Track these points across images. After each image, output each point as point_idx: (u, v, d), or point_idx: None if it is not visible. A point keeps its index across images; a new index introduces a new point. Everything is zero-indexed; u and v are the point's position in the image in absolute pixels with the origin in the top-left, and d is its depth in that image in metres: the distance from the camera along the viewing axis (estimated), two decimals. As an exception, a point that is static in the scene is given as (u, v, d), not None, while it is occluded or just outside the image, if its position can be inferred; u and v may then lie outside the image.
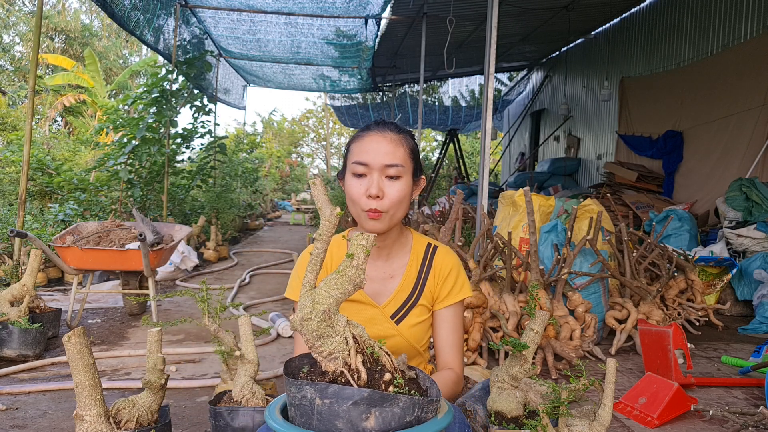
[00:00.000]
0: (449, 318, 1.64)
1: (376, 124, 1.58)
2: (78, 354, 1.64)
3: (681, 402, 2.65)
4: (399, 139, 1.55)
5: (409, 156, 1.56)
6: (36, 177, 8.36)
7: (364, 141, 1.54)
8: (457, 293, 1.65)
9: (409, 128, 1.69)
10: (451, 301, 1.64)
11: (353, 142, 1.57)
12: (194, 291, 2.41)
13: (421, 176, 1.63)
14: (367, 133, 1.56)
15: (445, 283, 1.64)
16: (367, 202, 1.50)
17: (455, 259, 1.69)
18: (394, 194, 1.51)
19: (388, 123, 1.58)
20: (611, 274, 3.86)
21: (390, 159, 1.50)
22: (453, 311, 1.65)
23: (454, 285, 1.65)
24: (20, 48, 23.67)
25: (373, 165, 1.50)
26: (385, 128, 1.56)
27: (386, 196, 1.50)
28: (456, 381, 1.59)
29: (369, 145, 1.52)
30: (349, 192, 1.55)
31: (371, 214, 1.51)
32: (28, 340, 3.36)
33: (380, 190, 1.49)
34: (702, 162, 7.28)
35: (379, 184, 1.50)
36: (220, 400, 2.18)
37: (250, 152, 15.52)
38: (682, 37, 7.98)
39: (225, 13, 8.60)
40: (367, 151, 1.51)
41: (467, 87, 14.36)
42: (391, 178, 1.51)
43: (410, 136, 1.60)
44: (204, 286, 2.33)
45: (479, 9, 8.00)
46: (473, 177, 16.82)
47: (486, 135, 4.60)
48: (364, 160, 1.51)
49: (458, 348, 1.64)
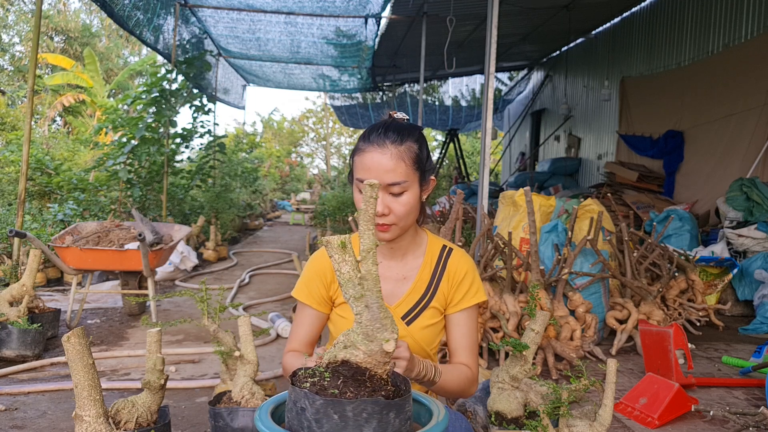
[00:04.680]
0: (463, 322, 1.63)
1: (376, 134, 1.50)
2: (77, 354, 1.63)
3: (682, 402, 2.64)
4: (399, 152, 1.47)
5: (412, 168, 1.49)
6: (35, 177, 8.35)
7: (364, 158, 1.49)
8: (472, 297, 1.63)
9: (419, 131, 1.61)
10: (465, 305, 1.63)
11: (356, 154, 1.54)
12: (194, 291, 2.40)
13: (430, 178, 1.59)
14: (367, 146, 1.50)
15: (459, 287, 1.63)
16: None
17: (470, 262, 1.67)
18: (400, 209, 1.49)
19: (389, 131, 1.49)
20: (612, 275, 3.85)
21: (391, 177, 1.46)
22: (467, 315, 1.63)
23: (469, 289, 1.63)
24: (20, 47, 23.67)
25: None
26: (385, 141, 1.48)
27: (393, 212, 1.49)
28: (470, 378, 1.58)
29: (370, 163, 1.48)
30: (357, 205, 1.53)
31: (379, 227, 1.50)
32: (28, 340, 3.35)
33: (385, 207, 1.48)
34: (703, 162, 7.27)
35: (384, 201, 1.48)
36: (220, 400, 2.18)
37: (249, 152, 15.51)
38: (682, 37, 7.97)
39: (224, 13, 8.59)
40: (368, 169, 1.48)
41: (467, 86, 14.34)
42: (395, 194, 1.49)
43: (414, 140, 1.52)
44: (203, 286, 2.32)
45: (479, 8, 7.99)
46: (473, 177, 16.81)
47: (486, 135, 4.59)
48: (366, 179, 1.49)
49: (473, 351, 1.63)
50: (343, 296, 1.10)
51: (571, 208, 4.13)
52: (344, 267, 1.04)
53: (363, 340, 1.08)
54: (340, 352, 1.10)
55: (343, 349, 1.10)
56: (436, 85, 14.59)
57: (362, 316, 1.07)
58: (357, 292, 1.06)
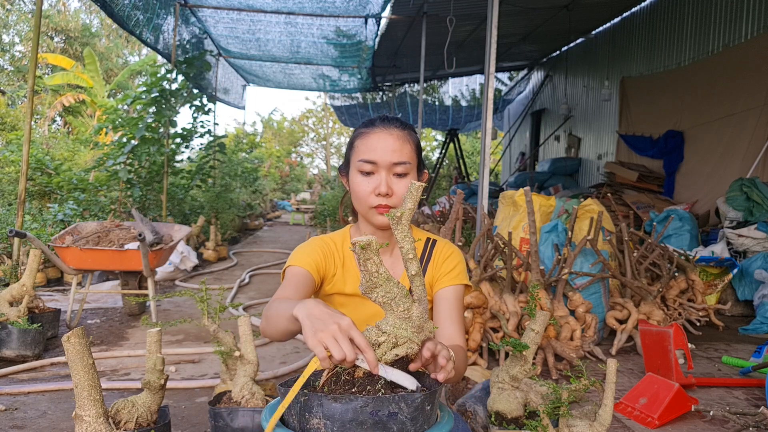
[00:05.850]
0: (450, 296, 1.59)
1: (381, 120, 1.56)
2: (77, 354, 1.63)
3: (682, 402, 2.64)
4: (405, 135, 1.54)
5: (414, 152, 1.55)
6: (35, 177, 8.35)
7: (370, 138, 1.53)
8: (456, 277, 1.61)
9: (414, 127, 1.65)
10: (451, 281, 1.60)
11: (358, 138, 1.56)
12: (194, 291, 2.40)
13: (424, 170, 1.62)
14: (372, 129, 1.54)
15: (445, 263, 1.62)
16: (376, 198, 1.50)
17: (455, 248, 1.68)
18: (403, 191, 1.51)
19: (392, 119, 1.56)
20: (612, 275, 3.85)
21: (398, 157, 1.50)
22: (453, 292, 1.60)
23: (455, 268, 1.62)
24: (20, 48, 23.66)
25: (381, 163, 1.50)
26: (391, 124, 1.54)
27: (395, 193, 1.51)
28: (466, 357, 1.55)
29: (376, 143, 1.51)
30: (355, 189, 1.54)
31: (381, 209, 1.50)
32: (27, 340, 3.35)
33: (389, 188, 1.50)
34: (703, 162, 7.27)
35: (388, 182, 1.50)
36: (220, 400, 2.18)
37: (249, 152, 15.51)
38: (682, 37, 7.97)
39: (224, 13, 8.59)
40: (374, 149, 1.50)
41: (467, 86, 14.34)
42: (399, 175, 1.51)
43: (414, 131, 1.59)
44: (203, 286, 2.32)
45: (479, 8, 7.99)
46: (473, 177, 16.81)
47: (486, 135, 4.59)
48: (372, 158, 1.50)
49: (461, 326, 1.58)
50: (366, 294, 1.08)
51: (571, 208, 4.13)
52: (381, 267, 1.06)
53: (416, 333, 1.10)
54: (392, 351, 1.10)
55: (394, 347, 1.10)
56: (436, 85, 14.58)
57: (411, 311, 1.09)
58: (402, 290, 1.08)
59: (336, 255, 1.63)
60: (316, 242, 1.62)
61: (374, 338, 1.09)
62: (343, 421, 1.01)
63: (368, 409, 1.00)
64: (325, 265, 1.58)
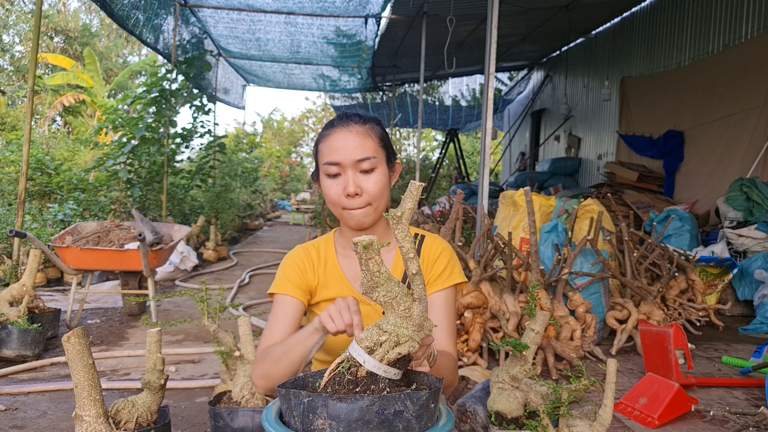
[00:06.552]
0: (439, 303, 1.56)
1: (339, 119, 1.53)
2: (77, 354, 1.63)
3: (682, 402, 2.64)
4: (365, 130, 1.50)
5: (379, 145, 1.51)
6: (35, 177, 8.35)
7: (330, 139, 1.50)
8: (447, 278, 1.58)
9: (378, 118, 1.62)
10: (440, 286, 1.57)
11: (321, 142, 1.53)
12: (194, 291, 2.40)
13: (395, 161, 1.58)
14: (332, 130, 1.51)
15: (434, 267, 1.58)
16: (348, 201, 1.48)
17: (444, 244, 1.63)
18: (373, 187, 1.48)
19: (351, 115, 1.53)
20: (612, 275, 3.85)
21: (360, 153, 1.47)
22: (444, 297, 1.57)
23: (444, 269, 1.58)
24: (20, 48, 23.66)
25: (344, 162, 1.47)
26: (349, 121, 1.51)
27: (365, 191, 1.48)
28: (455, 366, 1.54)
29: (336, 143, 1.48)
30: (326, 194, 1.51)
31: (354, 211, 1.49)
32: (28, 340, 3.36)
33: (358, 187, 1.47)
34: (703, 162, 7.27)
35: (356, 181, 1.47)
36: (220, 400, 2.18)
37: (249, 152, 15.51)
38: (682, 37, 7.97)
39: (224, 13, 8.59)
40: (336, 149, 1.48)
41: (467, 86, 14.34)
42: (366, 172, 1.48)
43: (377, 123, 1.55)
44: (203, 286, 2.32)
45: (479, 8, 7.99)
46: (473, 177, 16.81)
47: (486, 135, 4.59)
48: (335, 159, 1.48)
49: (451, 333, 1.56)
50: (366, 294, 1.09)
51: (571, 208, 4.13)
52: (382, 267, 1.06)
53: (416, 332, 1.10)
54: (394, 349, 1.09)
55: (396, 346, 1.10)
56: (436, 85, 14.59)
57: (411, 310, 1.10)
58: (403, 289, 1.09)
59: (317, 262, 1.61)
60: (295, 259, 1.60)
61: (376, 337, 1.09)
62: (349, 421, 1.00)
63: (374, 408, 1.00)
64: (306, 282, 1.58)
